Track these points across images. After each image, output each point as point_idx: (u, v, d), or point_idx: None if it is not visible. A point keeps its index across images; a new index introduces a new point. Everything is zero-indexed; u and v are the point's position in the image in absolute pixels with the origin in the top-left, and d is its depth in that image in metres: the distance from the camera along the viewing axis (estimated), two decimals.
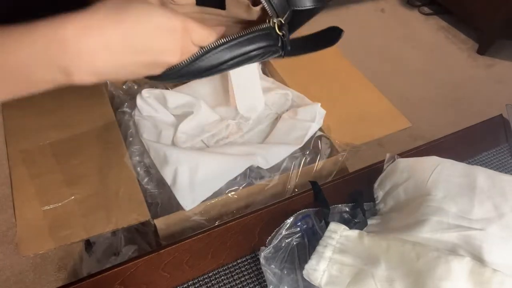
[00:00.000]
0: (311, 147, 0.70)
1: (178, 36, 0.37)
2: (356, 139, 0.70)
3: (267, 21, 0.43)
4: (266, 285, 0.47)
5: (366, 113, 0.76)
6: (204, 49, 0.40)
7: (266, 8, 0.43)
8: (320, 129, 0.70)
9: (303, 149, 0.68)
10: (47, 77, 0.32)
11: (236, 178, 0.63)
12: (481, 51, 2.11)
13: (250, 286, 0.50)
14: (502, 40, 2.09)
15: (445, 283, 0.40)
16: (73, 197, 0.59)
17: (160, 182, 0.64)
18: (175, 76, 0.41)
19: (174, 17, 0.36)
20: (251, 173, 0.66)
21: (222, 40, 0.41)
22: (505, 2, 1.89)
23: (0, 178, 1.41)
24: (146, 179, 0.64)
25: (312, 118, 0.69)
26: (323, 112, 0.70)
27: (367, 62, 1.39)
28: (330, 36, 0.53)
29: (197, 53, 0.40)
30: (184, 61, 0.40)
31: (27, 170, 0.61)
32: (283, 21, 0.43)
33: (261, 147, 0.66)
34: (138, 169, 0.65)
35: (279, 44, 0.44)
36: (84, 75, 0.33)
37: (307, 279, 0.45)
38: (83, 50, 0.32)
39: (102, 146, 0.65)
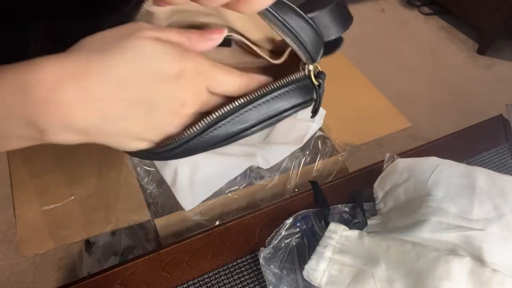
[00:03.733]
0: (311, 147, 0.70)
1: (186, 83, 0.28)
2: (356, 139, 0.70)
3: (300, 68, 0.34)
4: (266, 285, 0.47)
5: (366, 113, 0.76)
6: (227, 108, 0.29)
7: (298, 51, 0.33)
8: (320, 129, 0.70)
9: (303, 149, 0.68)
10: (18, 133, 0.26)
11: (236, 178, 0.63)
12: (481, 51, 2.11)
13: (250, 286, 0.50)
14: (502, 40, 2.09)
15: (445, 283, 0.40)
16: (73, 197, 0.59)
17: (160, 182, 0.64)
18: (172, 152, 0.30)
19: (181, 57, 0.28)
20: (251, 173, 0.66)
21: (252, 95, 0.30)
22: (505, 2, 1.89)
23: (0, 178, 1.41)
24: (146, 179, 0.64)
25: (312, 118, 0.69)
26: (323, 112, 0.70)
27: (367, 62, 1.39)
28: (330, 44, 0.46)
29: (214, 115, 0.29)
30: (194, 128, 0.29)
31: (27, 170, 0.61)
32: (319, 67, 0.35)
33: (261, 147, 0.66)
34: (138, 169, 0.65)
35: (314, 97, 0.35)
36: (60, 133, 0.26)
37: (307, 279, 0.45)
38: (56, 102, 0.25)
39: (102, 146, 0.65)
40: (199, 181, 0.59)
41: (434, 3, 2.36)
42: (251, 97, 0.30)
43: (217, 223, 0.60)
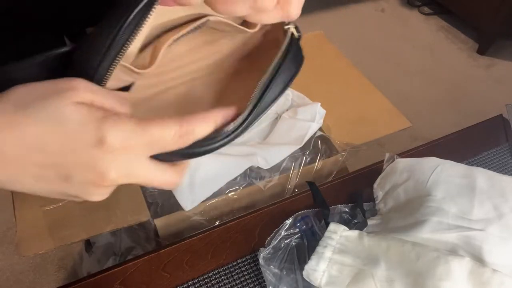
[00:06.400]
0: (311, 147, 0.70)
1: (107, 153, 0.25)
2: (356, 139, 0.70)
3: (283, 29, 0.34)
4: (266, 285, 0.47)
5: (366, 113, 0.76)
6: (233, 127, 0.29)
7: None
8: (320, 129, 0.70)
9: (303, 149, 0.68)
10: None
11: (236, 178, 0.63)
12: (481, 51, 2.11)
13: (250, 286, 0.50)
14: (502, 40, 2.09)
15: (445, 283, 0.40)
16: None
17: None
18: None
19: (103, 124, 0.25)
20: (251, 173, 0.66)
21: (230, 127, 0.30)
22: (505, 2, 1.89)
23: None
24: None
25: (312, 118, 0.69)
26: (323, 112, 0.70)
27: (367, 62, 1.39)
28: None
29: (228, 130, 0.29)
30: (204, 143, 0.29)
31: None
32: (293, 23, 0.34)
33: (261, 147, 0.66)
34: None
35: (302, 54, 0.35)
36: None
37: (307, 279, 0.45)
38: None
39: None
40: (199, 181, 0.59)
41: (434, 3, 2.35)
42: (236, 125, 0.30)
43: (217, 223, 0.60)
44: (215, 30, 0.39)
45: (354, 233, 0.47)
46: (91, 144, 0.25)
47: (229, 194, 0.62)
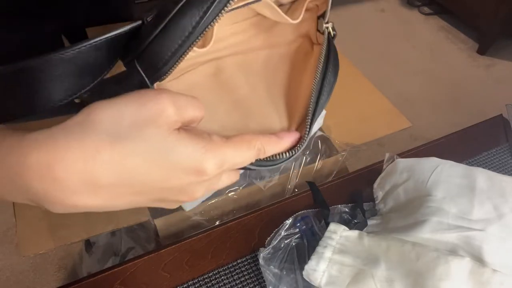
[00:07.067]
0: (311, 147, 0.70)
1: (202, 181, 0.26)
2: (356, 139, 0.70)
3: (324, 27, 0.36)
4: (266, 285, 0.47)
5: (366, 113, 0.76)
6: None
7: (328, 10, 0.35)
8: (320, 129, 0.70)
9: (303, 149, 0.68)
10: (22, 199, 0.25)
11: None
12: (481, 51, 2.11)
13: (250, 286, 0.50)
14: (502, 40, 2.09)
15: (445, 283, 0.40)
16: None
17: None
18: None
19: (203, 155, 0.25)
20: (251, 173, 0.66)
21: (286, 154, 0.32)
22: (505, 2, 1.89)
23: None
24: None
25: None
26: (323, 112, 0.70)
27: (367, 62, 1.39)
28: None
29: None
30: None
31: None
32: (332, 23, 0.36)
33: None
34: None
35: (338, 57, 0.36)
36: (60, 210, 0.25)
37: (307, 279, 0.45)
38: (56, 182, 0.22)
39: None
40: None
41: (434, 3, 2.36)
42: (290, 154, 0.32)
43: (217, 223, 0.60)
44: (264, 19, 0.39)
45: (354, 233, 0.47)
46: (191, 173, 0.25)
47: (229, 194, 0.62)
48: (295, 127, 0.35)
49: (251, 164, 0.29)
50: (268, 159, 0.30)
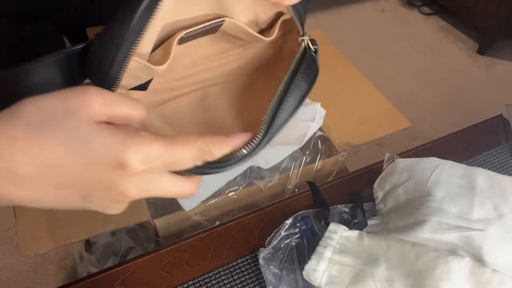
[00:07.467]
0: (311, 147, 0.70)
1: (127, 175, 0.25)
2: (356, 139, 0.70)
3: (299, 41, 0.35)
4: (266, 285, 0.47)
5: (366, 113, 0.76)
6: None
7: (297, 24, 0.34)
8: (320, 129, 0.70)
9: (303, 149, 0.68)
10: None
11: (236, 178, 0.63)
12: (481, 51, 2.11)
13: (250, 286, 0.50)
14: (502, 40, 2.09)
15: (445, 283, 0.40)
16: None
17: None
18: None
19: (124, 147, 0.24)
20: (251, 173, 0.66)
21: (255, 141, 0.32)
22: (506, 1, 1.89)
23: None
24: None
25: (312, 118, 0.69)
26: (323, 112, 0.70)
27: (367, 62, 1.39)
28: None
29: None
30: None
31: None
32: (309, 36, 0.35)
33: None
34: None
35: (318, 64, 0.36)
36: None
37: (307, 279, 0.45)
38: None
39: None
40: None
41: (434, 3, 2.35)
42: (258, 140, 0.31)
43: (217, 223, 0.60)
44: (233, 38, 0.39)
45: (354, 233, 0.47)
46: (112, 166, 0.24)
47: (229, 194, 0.62)
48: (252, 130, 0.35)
49: (199, 167, 0.28)
50: (218, 161, 0.29)
